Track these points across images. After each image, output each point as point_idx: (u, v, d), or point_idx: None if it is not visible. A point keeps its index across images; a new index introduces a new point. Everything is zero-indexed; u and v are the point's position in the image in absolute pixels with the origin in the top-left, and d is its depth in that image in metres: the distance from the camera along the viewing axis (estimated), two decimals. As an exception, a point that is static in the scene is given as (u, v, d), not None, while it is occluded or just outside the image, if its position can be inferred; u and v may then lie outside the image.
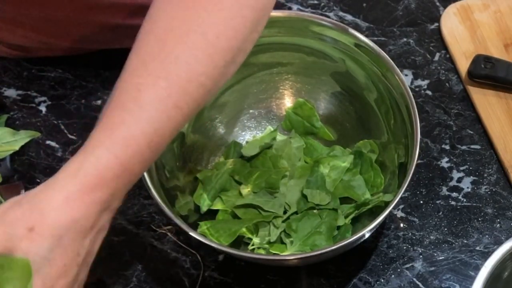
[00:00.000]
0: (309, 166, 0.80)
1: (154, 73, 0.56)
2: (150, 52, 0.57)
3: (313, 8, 0.95)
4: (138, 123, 0.55)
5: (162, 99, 0.55)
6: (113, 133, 0.54)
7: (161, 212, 0.68)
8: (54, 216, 0.51)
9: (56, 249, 0.52)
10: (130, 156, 0.54)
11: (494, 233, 0.80)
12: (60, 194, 0.52)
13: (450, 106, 0.88)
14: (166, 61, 0.56)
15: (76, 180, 0.53)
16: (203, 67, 0.57)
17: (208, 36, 0.57)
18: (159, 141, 0.56)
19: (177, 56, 0.56)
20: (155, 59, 0.56)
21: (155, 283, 0.78)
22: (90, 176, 0.53)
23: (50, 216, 0.51)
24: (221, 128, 0.84)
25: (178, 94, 0.56)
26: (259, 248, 0.76)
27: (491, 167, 0.83)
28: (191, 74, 0.56)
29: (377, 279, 0.78)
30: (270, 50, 0.81)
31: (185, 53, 0.56)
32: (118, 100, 0.56)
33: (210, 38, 0.57)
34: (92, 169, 0.53)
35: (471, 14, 0.92)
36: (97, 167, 0.53)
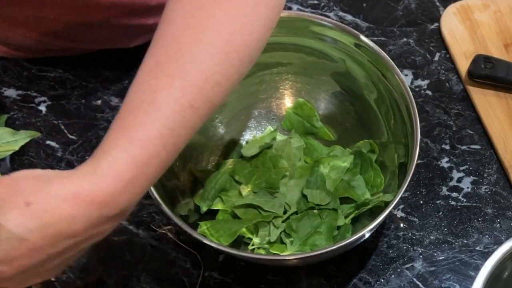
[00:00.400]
0: (309, 166, 0.80)
1: (169, 73, 0.55)
2: (165, 52, 0.56)
3: (313, 8, 0.95)
4: (154, 123, 0.54)
5: (178, 99, 0.55)
6: (130, 134, 0.54)
7: (161, 212, 0.68)
8: (54, 203, 0.51)
9: (35, 232, 0.51)
10: (147, 157, 0.54)
11: (494, 233, 0.80)
12: (72, 187, 0.51)
13: (450, 106, 0.88)
14: (181, 61, 0.55)
15: (92, 178, 0.52)
16: (218, 66, 0.56)
17: (223, 34, 0.56)
18: (174, 142, 0.55)
19: (193, 55, 0.56)
20: (170, 59, 0.56)
21: (155, 283, 0.78)
22: (106, 177, 0.52)
23: (51, 202, 0.51)
24: (221, 128, 0.84)
25: (194, 93, 0.55)
26: (259, 248, 0.76)
27: (491, 167, 0.83)
28: (206, 73, 0.56)
29: (377, 279, 0.78)
30: (270, 50, 0.81)
31: (200, 52, 0.56)
32: (133, 101, 0.55)
33: (225, 36, 0.57)
34: (109, 171, 0.52)
35: (471, 14, 0.92)
36: (114, 169, 0.52)
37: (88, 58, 0.91)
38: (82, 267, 0.78)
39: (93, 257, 0.79)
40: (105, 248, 0.79)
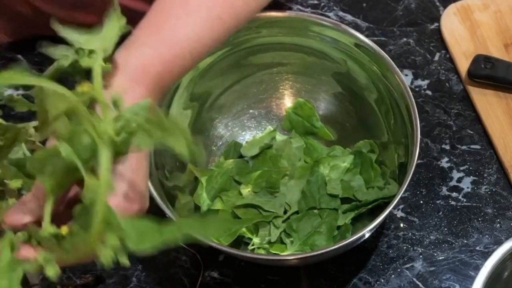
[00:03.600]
0: (309, 166, 0.80)
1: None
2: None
3: (313, 8, 0.95)
4: (184, 27, 0.57)
5: (208, 8, 0.58)
6: (159, 34, 0.56)
7: (161, 212, 0.68)
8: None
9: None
10: (173, 57, 0.56)
11: (494, 233, 0.80)
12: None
13: (450, 106, 0.88)
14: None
15: (123, 73, 0.54)
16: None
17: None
18: (199, 49, 0.58)
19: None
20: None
21: (155, 283, 0.78)
22: (136, 70, 0.54)
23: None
24: (221, 128, 0.84)
25: (224, 6, 0.58)
26: (259, 248, 0.76)
27: (491, 167, 0.83)
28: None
29: (377, 279, 0.78)
30: (270, 50, 0.81)
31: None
32: (164, 6, 0.58)
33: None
34: (138, 63, 0.54)
35: (471, 14, 0.92)
36: (143, 62, 0.55)
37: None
38: (82, 267, 0.78)
39: (93, 257, 0.79)
40: (105, 248, 0.79)
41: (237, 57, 0.80)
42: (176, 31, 0.57)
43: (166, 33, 0.57)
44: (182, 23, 0.57)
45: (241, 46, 0.79)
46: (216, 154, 0.83)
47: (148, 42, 0.56)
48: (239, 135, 0.84)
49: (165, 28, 0.57)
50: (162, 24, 0.57)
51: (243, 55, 0.80)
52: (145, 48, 0.56)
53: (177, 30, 0.57)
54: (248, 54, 0.80)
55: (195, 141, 0.48)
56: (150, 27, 0.57)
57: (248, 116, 0.85)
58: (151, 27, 0.57)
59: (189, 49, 0.57)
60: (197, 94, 0.81)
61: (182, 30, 0.57)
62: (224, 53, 0.78)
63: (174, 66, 0.57)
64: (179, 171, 0.79)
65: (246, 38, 0.78)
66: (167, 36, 0.56)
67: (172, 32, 0.57)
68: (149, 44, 0.56)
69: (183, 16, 0.57)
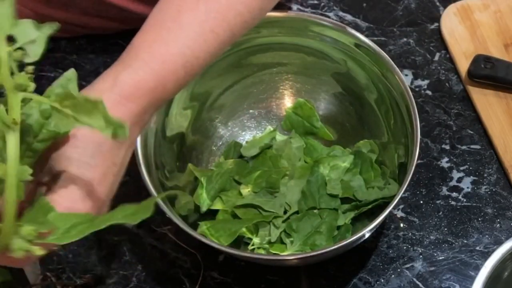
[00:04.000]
0: (309, 166, 0.80)
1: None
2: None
3: (313, 8, 0.95)
4: (176, 41, 0.56)
5: (201, 22, 0.57)
6: (151, 48, 0.56)
7: (161, 212, 0.68)
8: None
9: (97, 156, 0.53)
10: (166, 72, 0.56)
11: (494, 233, 0.80)
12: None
13: (450, 106, 0.88)
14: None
15: (113, 89, 0.54)
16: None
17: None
18: (193, 63, 0.57)
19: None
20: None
21: (155, 283, 0.78)
22: (126, 86, 0.54)
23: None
24: (221, 128, 0.84)
25: (216, 19, 0.58)
26: (259, 248, 0.76)
27: (491, 167, 0.83)
28: (230, 1, 0.58)
29: (377, 279, 0.78)
30: (270, 50, 0.81)
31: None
32: (157, 18, 0.58)
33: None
34: (129, 81, 0.54)
35: (471, 14, 0.92)
36: (133, 78, 0.54)
37: (88, 58, 0.91)
38: (82, 267, 0.78)
39: (93, 257, 0.79)
40: (105, 248, 0.79)
41: (237, 57, 0.80)
42: (169, 46, 0.56)
43: (158, 47, 0.56)
44: (175, 37, 0.57)
45: (241, 46, 0.79)
46: (216, 154, 0.83)
47: (141, 57, 0.56)
48: (239, 135, 0.84)
49: (157, 42, 0.56)
50: (154, 39, 0.57)
51: (243, 55, 0.80)
52: (137, 63, 0.55)
53: (170, 45, 0.56)
54: (248, 54, 0.80)
55: (115, 116, 0.46)
56: (143, 41, 0.57)
57: (248, 116, 0.85)
58: (144, 41, 0.57)
59: (182, 63, 0.57)
60: (197, 94, 0.81)
61: (175, 44, 0.57)
62: (224, 53, 0.78)
63: (167, 81, 0.56)
64: (179, 171, 0.79)
65: (246, 38, 0.78)
66: (159, 51, 0.56)
67: (164, 46, 0.56)
68: (142, 59, 0.56)
69: (176, 30, 0.57)
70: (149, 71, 0.55)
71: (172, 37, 0.56)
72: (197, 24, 0.57)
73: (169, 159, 0.77)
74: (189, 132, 0.81)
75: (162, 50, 0.56)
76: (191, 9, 0.57)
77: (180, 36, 0.57)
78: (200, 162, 0.82)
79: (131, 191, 0.83)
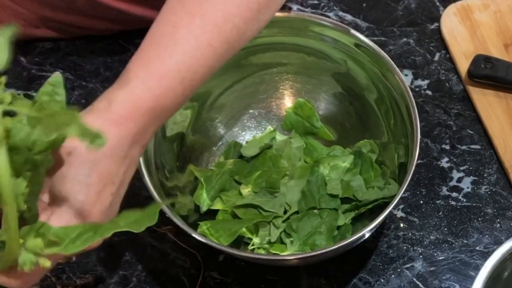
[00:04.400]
0: (309, 166, 0.80)
1: (190, 11, 0.57)
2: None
3: (313, 8, 0.95)
4: (173, 58, 0.56)
5: (197, 36, 0.57)
6: (148, 66, 0.56)
7: (161, 212, 0.68)
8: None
9: (93, 174, 0.53)
10: (164, 90, 0.56)
11: (494, 233, 0.80)
12: (95, 122, 0.53)
13: (450, 106, 0.88)
14: (203, 0, 0.58)
15: (110, 109, 0.54)
16: (238, 8, 0.59)
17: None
18: (191, 78, 0.57)
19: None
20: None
21: (155, 283, 0.78)
22: (124, 106, 0.54)
23: (79, 145, 0.52)
24: (221, 128, 0.84)
25: (213, 33, 0.58)
26: (259, 248, 0.76)
27: (491, 167, 0.83)
28: (226, 14, 0.58)
29: (377, 279, 0.78)
30: (270, 50, 0.81)
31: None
32: (154, 36, 0.58)
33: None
34: (126, 100, 0.54)
35: (471, 14, 0.92)
36: (131, 98, 0.54)
37: (88, 58, 0.91)
38: (82, 267, 0.78)
39: (93, 257, 0.79)
40: (105, 248, 0.79)
41: (237, 57, 0.80)
42: (165, 62, 0.56)
43: (155, 65, 0.56)
44: (171, 53, 0.56)
45: (241, 46, 0.79)
46: (216, 154, 0.83)
47: (138, 75, 0.56)
48: (239, 135, 0.84)
49: (153, 60, 0.56)
50: (151, 56, 0.57)
51: (243, 55, 0.80)
52: (134, 82, 0.55)
53: (166, 61, 0.56)
54: (248, 54, 0.80)
55: (89, 125, 0.46)
56: (140, 59, 0.57)
57: (248, 116, 0.85)
58: (141, 59, 0.57)
59: (179, 79, 0.56)
60: (197, 94, 0.80)
61: (171, 61, 0.56)
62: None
63: (165, 98, 0.56)
64: (179, 171, 0.79)
65: (246, 38, 0.78)
66: (155, 68, 0.56)
67: (160, 63, 0.56)
68: (139, 78, 0.55)
69: (172, 45, 0.56)
70: (146, 90, 0.55)
71: (168, 53, 0.56)
72: (193, 39, 0.57)
73: (169, 159, 0.77)
74: (189, 132, 0.81)
75: (159, 67, 0.56)
76: (187, 24, 0.57)
77: (176, 52, 0.56)
78: (200, 162, 0.82)
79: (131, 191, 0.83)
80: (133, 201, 0.83)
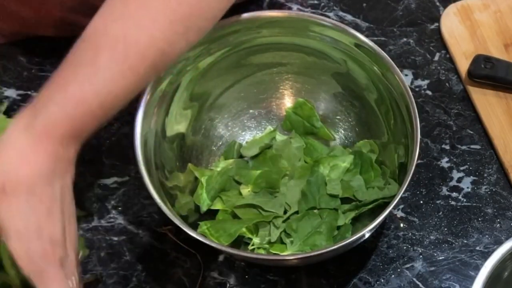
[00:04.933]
0: (309, 166, 0.80)
1: (114, 35, 0.57)
2: (113, 12, 0.58)
3: (313, 8, 0.95)
4: (92, 83, 0.56)
5: (119, 62, 0.56)
6: (65, 89, 0.56)
7: (161, 212, 0.68)
8: (16, 172, 0.53)
9: (34, 203, 0.53)
10: (81, 114, 0.56)
11: (494, 233, 0.80)
12: (13, 151, 0.53)
13: (450, 106, 0.88)
14: (127, 25, 0.57)
15: (26, 135, 0.54)
16: (162, 33, 0.58)
17: (170, 2, 0.58)
18: (112, 102, 0.57)
19: (138, 20, 0.57)
20: (117, 20, 0.57)
21: (155, 283, 0.78)
22: (39, 130, 0.54)
23: (13, 174, 0.53)
24: (221, 128, 0.84)
25: (136, 58, 0.57)
26: (259, 248, 0.76)
27: (491, 167, 0.83)
28: (150, 39, 0.57)
29: (377, 279, 0.78)
30: (270, 50, 0.81)
31: (146, 17, 0.57)
32: (74, 58, 0.57)
33: (172, 5, 0.58)
34: (41, 125, 0.55)
35: (471, 14, 0.92)
36: (49, 121, 0.55)
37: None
38: (82, 267, 0.78)
39: (93, 257, 0.79)
40: (105, 248, 0.79)
41: (237, 57, 0.80)
42: (84, 87, 0.56)
43: (73, 90, 0.56)
44: (90, 77, 0.56)
45: (241, 46, 0.79)
46: (216, 154, 0.83)
47: (55, 99, 0.56)
48: (239, 135, 0.84)
49: (72, 84, 0.56)
50: (69, 80, 0.56)
51: (243, 55, 0.80)
52: (52, 106, 0.55)
53: (85, 86, 0.56)
54: (248, 54, 0.80)
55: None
56: (59, 82, 0.57)
57: (248, 116, 0.85)
58: (60, 82, 0.57)
59: (98, 104, 0.56)
60: (197, 94, 0.81)
61: (90, 87, 0.56)
62: (224, 53, 0.78)
63: (83, 123, 0.56)
64: (179, 171, 0.79)
65: (246, 38, 0.78)
66: (73, 93, 0.56)
67: (79, 88, 0.56)
68: (56, 101, 0.56)
69: (92, 72, 0.56)
70: (64, 116, 0.55)
71: (87, 78, 0.56)
72: (115, 66, 0.56)
73: (169, 159, 0.77)
74: (189, 132, 0.81)
75: (77, 93, 0.56)
76: (109, 49, 0.56)
77: (96, 77, 0.56)
78: (200, 162, 0.82)
79: (131, 191, 0.83)
80: (133, 201, 0.83)
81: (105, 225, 0.81)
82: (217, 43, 0.77)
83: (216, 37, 0.76)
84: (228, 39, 0.77)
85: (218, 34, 0.76)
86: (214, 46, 0.77)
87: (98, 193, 0.82)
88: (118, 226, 0.81)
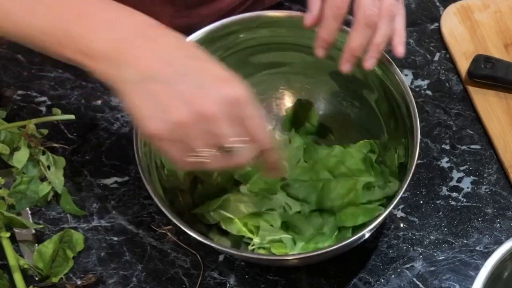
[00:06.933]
0: (309, 166, 0.79)
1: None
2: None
3: (313, 8, 0.95)
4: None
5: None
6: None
7: (161, 212, 0.68)
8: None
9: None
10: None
11: (494, 233, 0.80)
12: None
13: (450, 106, 0.88)
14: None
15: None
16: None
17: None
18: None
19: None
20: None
21: (155, 283, 0.78)
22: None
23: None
24: (221, 128, 0.83)
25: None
26: (259, 248, 0.76)
27: (491, 167, 0.83)
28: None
29: (377, 279, 0.78)
30: (270, 50, 0.81)
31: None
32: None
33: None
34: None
35: (471, 14, 0.92)
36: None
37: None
38: (82, 267, 0.78)
39: (93, 257, 0.79)
40: (105, 248, 0.79)
41: (237, 57, 0.80)
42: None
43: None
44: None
45: (241, 46, 0.79)
46: (216, 154, 0.83)
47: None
48: (239, 135, 0.84)
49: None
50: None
51: (243, 55, 0.80)
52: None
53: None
54: (248, 54, 0.80)
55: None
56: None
57: (248, 116, 0.85)
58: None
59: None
60: (197, 94, 0.80)
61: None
62: (224, 53, 0.78)
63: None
64: (179, 171, 0.78)
65: (246, 38, 0.78)
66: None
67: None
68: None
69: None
70: None
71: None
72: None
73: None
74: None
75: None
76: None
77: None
78: (200, 162, 0.81)
79: (131, 191, 0.83)
80: (133, 201, 0.83)
81: (105, 225, 0.81)
82: (217, 43, 0.77)
83: (216, 37, 0.76)
84: (228, 39, 0.77)
85: (218, 34, 0.76)
86: (214, 46, 0.77)
87: (98, 193, 0.82)
88: (118, 226, 0.81)
